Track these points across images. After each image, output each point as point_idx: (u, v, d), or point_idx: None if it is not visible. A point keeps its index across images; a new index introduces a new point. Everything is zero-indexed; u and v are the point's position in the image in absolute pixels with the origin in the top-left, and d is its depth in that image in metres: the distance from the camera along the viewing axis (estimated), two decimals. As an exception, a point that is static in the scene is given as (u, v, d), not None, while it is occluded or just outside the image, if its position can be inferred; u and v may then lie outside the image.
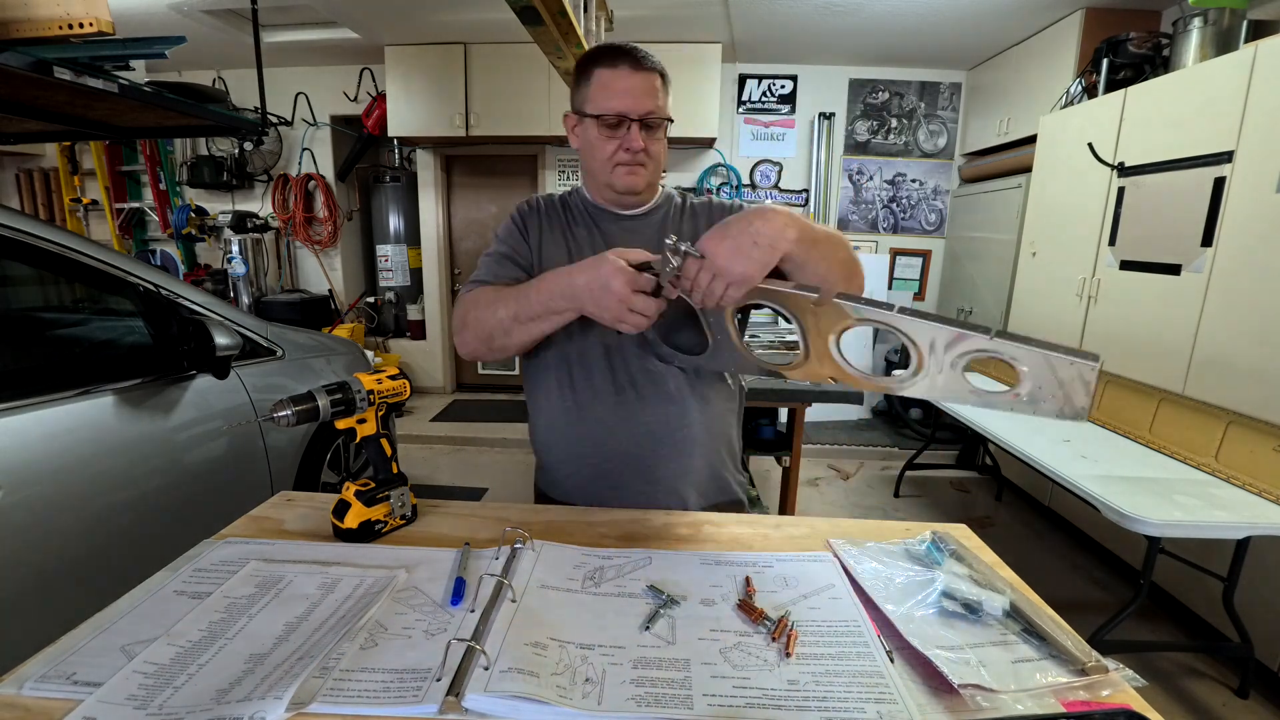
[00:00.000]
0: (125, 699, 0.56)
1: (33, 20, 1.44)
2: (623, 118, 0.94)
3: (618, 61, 0.94)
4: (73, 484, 1.32)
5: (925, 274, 4.50)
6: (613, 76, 0.94)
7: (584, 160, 1.04)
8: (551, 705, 0.56)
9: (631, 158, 0.97)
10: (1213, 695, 1.88)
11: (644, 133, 0.96)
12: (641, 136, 0.95)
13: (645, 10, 3.41)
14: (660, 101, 0.96)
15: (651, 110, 0.95)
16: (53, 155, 4.70)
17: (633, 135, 0.95)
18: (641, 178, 1.00)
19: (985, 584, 0.77)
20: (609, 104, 0.94)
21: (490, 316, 0.93)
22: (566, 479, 1.06)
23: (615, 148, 0.97)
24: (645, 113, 0.94)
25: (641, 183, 1.01)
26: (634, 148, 0.96)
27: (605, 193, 1.04)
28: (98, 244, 1.52)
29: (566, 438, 1.04)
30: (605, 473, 1.02)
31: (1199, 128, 2.14)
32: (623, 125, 0.95)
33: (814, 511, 3.13)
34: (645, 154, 0.97)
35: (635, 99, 0.94)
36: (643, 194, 1.04)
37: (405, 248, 4.78)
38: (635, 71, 0.94)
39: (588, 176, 1.07)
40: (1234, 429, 1.96)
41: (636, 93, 0.94)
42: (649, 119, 0.95)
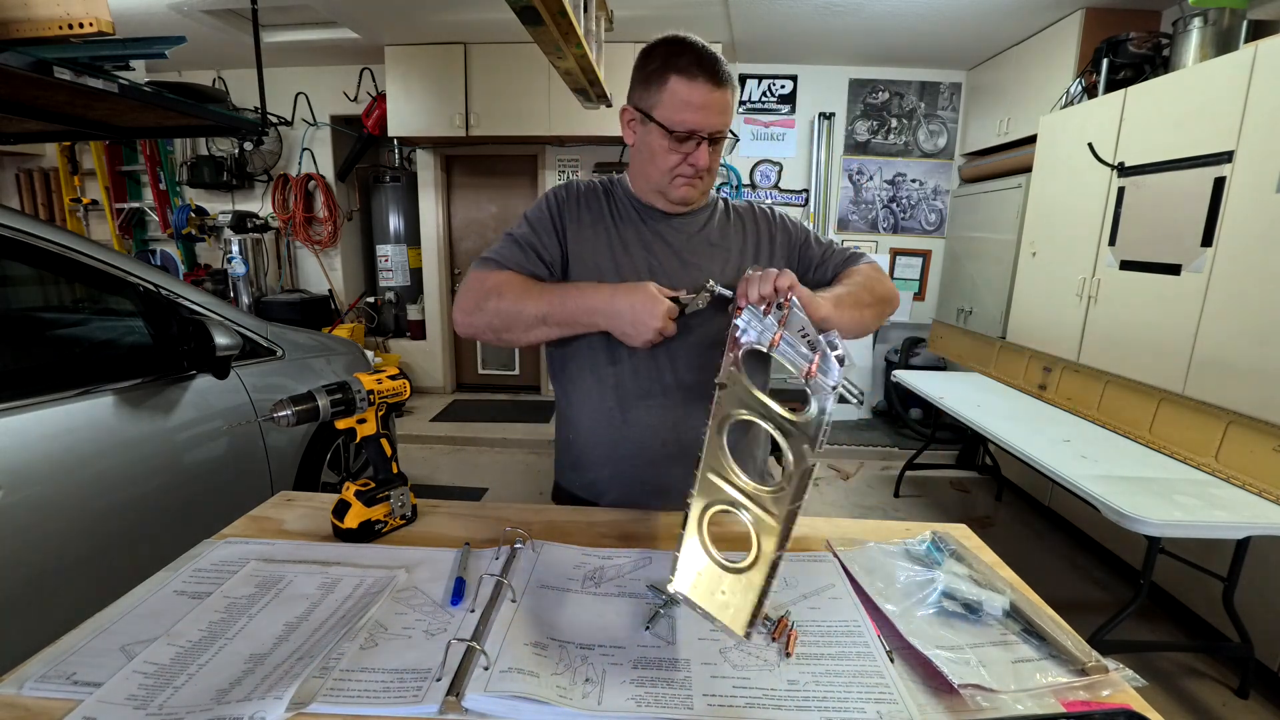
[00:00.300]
0: (125, 699, 0.56)
1: (33, 20, 1.44)
2: (694, 133, 0.91)
3: (696, 75, 0.89)
4: (73, 484, 1.32)
5: (925, 274, 4.50)
6: (690, 90, 0.89)
7: (638, 161, 1.00)
8: (551, 705, 0.56)
9: (694, 173, 0.95)
10: (1213, 695, 1.88)
11: (711, 146, 0.93)
12: (707, 151, 0.93)
13: (645, 10, 3.41)
14: (731, 116, 0.94)
15: (721, 128, 0.92)
16: (53, 155, 4.70)
17: (700, 152, 0.92)
18: (699, 189, 0.98)
19: (985, 584, 0.77)
20: (681, 118, 0.90)
21: (514, 308, 0.90)
22: (606, 480, 1.03)
23: (679, 161, 0.94)
24: (716, 130, 0.92)
25: (698, 194, 1.00)
26: (700, 165, 0.93)
27: (655, 197, 1.01)
28: (98, 244, 1.52)
29: (613, 439, 1.01)
30: (649, 478, 1.00)
31: (1199, 128, 2.14)
32: (691, 139, 0.91)
33: (814, 511, 3.12)
34: (708, 169, 0.96)
35: (709, 116, 0.90)
36: (696, 201, 1.03)
37: (405, 248, 4.78)
38: (714, 89, 0.89)
39: (638, 176, 1.02)
40: (1234, 429, 1.96)
41: (712, 110, 0.90)
42: (717, 136, 0.93)
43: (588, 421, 1.03)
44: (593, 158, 4.47)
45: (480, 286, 0.93)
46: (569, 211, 1.01)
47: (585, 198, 1.03)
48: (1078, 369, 2.70)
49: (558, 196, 1.02)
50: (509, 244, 0.98)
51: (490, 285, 0.92)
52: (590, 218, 1.01)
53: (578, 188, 1.04)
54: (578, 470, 1.07)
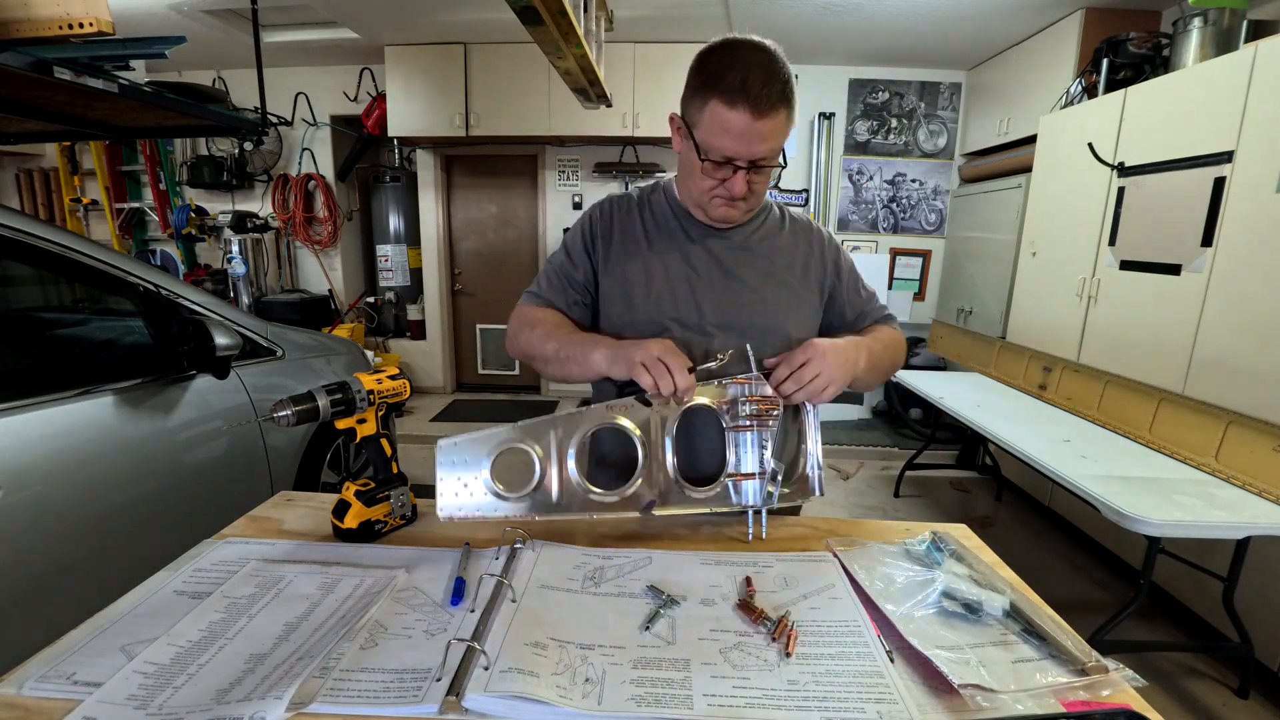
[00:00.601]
0: (125, 699, 0.56)
1: (33, 20, 1.44)
2: (730, 161, 0.86)
3: (738, 101, 0.81)
4: (73, 484, 1.32)
5: (925, 274, 4.50)
6: (730, 117, 0.82)
7: (681, 172, 0.97)
8: (551, 705, 0.56)
9: (730, 198, 0.90)
10: (1213, 695, 1.88)
11: (751, 174, 0.88)
12: (747, 178, 0.88)
13: (645, 10, 3.41)
14: (778, 141, 0.86)
15: (764, 156, 0.86)
16: (53, 155, 4.70)
17: (737, 181, 0.87)
18: (739, 211, 0.94)
19: (985, 584, 0.77)
20: (718, 143, 0.85)
21: (540, 345, 0.96)
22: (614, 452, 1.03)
23: (715, 185, 0.89)
24: (756, 159, 0.86)
25: (739, 216, 0.96)
26: (735, 193, 0.88)
27: (697, 210, 0.98)
28: (98, 244, 1.52)
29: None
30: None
31: (1199, 128, 2.14)
32: (728, 166, 0.86)
33: (814, 511, 3.12)
34: (749, 193, 0.91)
35: (749, 145, 0.84)
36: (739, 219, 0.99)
37: (405, 248, 4.78)
38: (756, 119, 0.81)
39: (682, 186, 0.99)
40: (1234, 429, 1.96)
41: (752, 139, 0.83)
42: (759, 164, 0.87)
43: None
44: (593, 158, 4.47)
45: (519, 318, 1.01)
46: (601, 231, 1.01)
47: (619, 215, 1.02)
48: (1078, 369, 2.70)
49: (590, 218, 1.03)
50: (547, 275, 1.03)
51: (526, 318, 1.00)
52: (621, 235, 1.00)
53: (611, 206, 1.04)
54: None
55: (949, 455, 3.64)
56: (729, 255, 0.99)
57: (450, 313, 4.93)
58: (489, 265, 4.90)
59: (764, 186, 0.92)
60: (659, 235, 1.00)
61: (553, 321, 0.98)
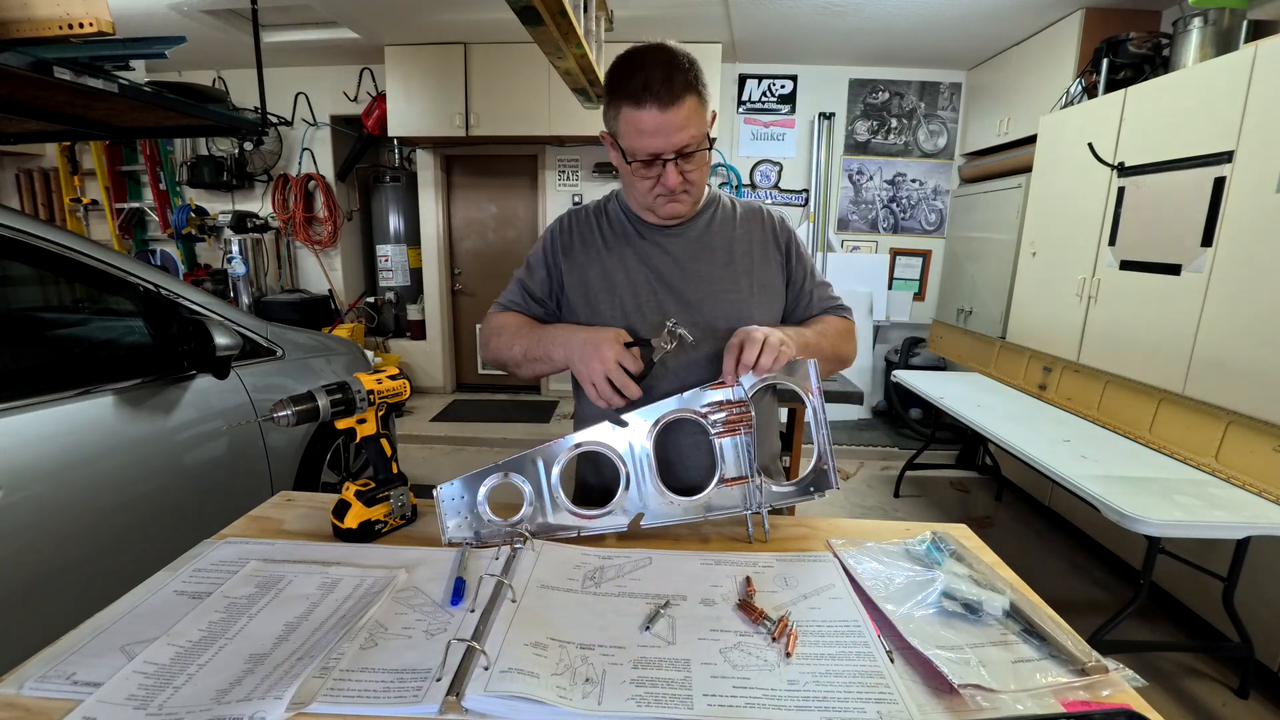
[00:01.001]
0: (125, 699, 0.56)
1: (33, 20, 1.44)
2: (656, 157, 0.88)
3: (644, 100, 0.84)
4: (73, 484, 1.32)
5: (925, 274, 4.50)
6: (640, 118, 0.85)
7: (623, 181, 1.00)
8: (551, 705, 0.56)
9: (670, 193, 0.92)
10: (1213, 695, 1.88)
11: (681, 164, 0.90)
12: (679, 167, 0.90)
13: (645, 10, 3.41)
14: (696, 128, 0.87)
15: (686, 144, 0.87)
16: (53, 155, 4.70)
17: (668, 174, 0.89)
18: (685, 204, 0.96)
19: (985, 584, 0.77)
20: (640, 144, 0.88)
21: (507, 348, 1.00)
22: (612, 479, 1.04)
23: (652, 183, 0.92)
24: (679, 148, 0.87)
25: (685, 209, 0.97)
26: (671, 185, 0.90)
27: (647, 214, 1.01)
28: (98, 244, 1.52)
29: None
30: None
31: (1199, 128, 2.14)
32: (656, 163, 0.89)
33: (814, 511, 3.13)
34: (685, 183, 0.92)
35: (667, 138, 0.86)
36: (688, 213, 1.01)
37: (405, 248, 4.78)
38: (664, 110, 0.84)
39: (628, 194, 1.02)
40: (1234, 429, 1.96)
41: (668, 131, 0.86)
42: (685, 150, 0.88)
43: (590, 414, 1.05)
44: (593, 158, 4.47)
45: (487, 327, 1.06)
46: (561, 244, 1.05)
47: (577, 226, 1.06)
48: (1078, 369, 2.70)
49: (551, 232, 1.07)
50: (513, 286, 1.07)
51: (493, 326, 1.05)
52: (581, 244, 1.04)
53: (570, 219, 1.07)
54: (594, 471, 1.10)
55: (949, 455, 3.64)
56: (685, 251, 1.01)
57: (450, 313, 4.93)
58: (489, 265, 4.90)
59: (700, 174, 0.94)
60: (616, 241, 1.03)
61: (515, 324, 1.02)
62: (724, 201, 1.08)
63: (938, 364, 4.28)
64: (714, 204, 1.06)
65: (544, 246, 1.06)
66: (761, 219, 1.07)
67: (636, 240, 1.02)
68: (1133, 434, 2.29)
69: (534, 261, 1.06)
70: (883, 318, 4.47)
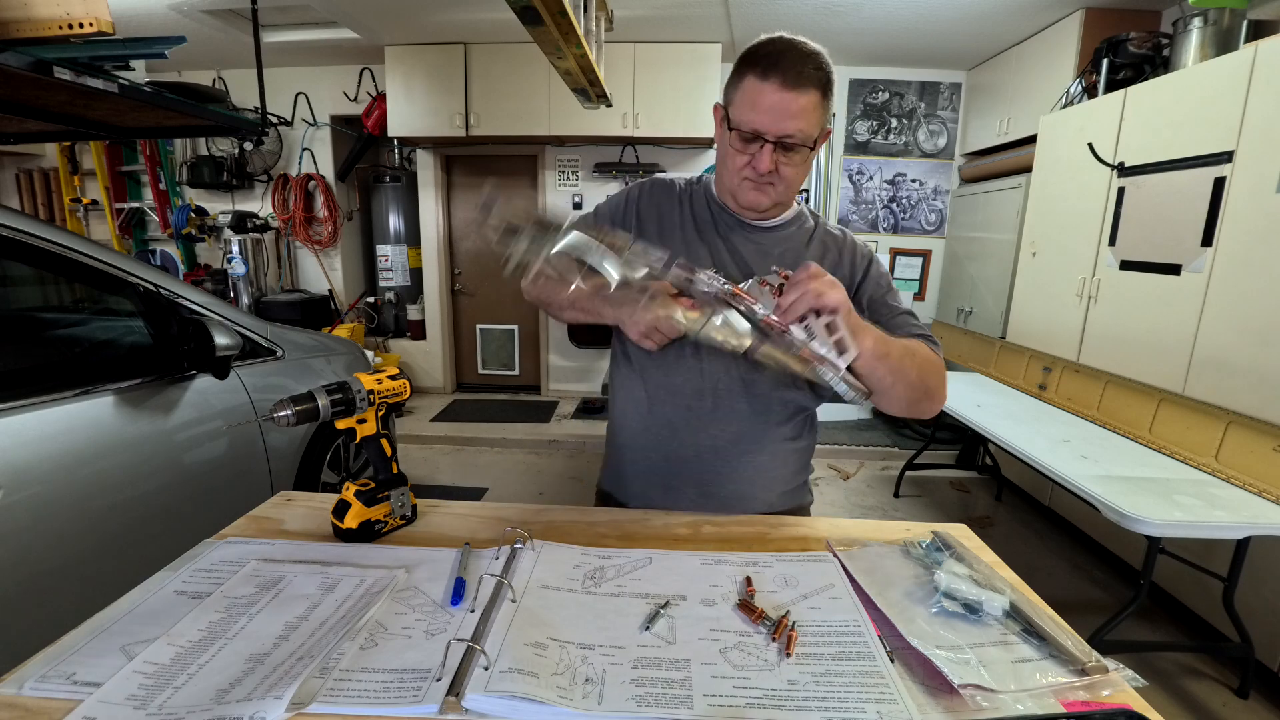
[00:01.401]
0: (125, 699, 0.56)
1: (33, 20, 1.44)
2: (758, 135, 0.86)
3: (770, 73, 0.83)
4: (73, 484, 1.32)
5: (925, 274, 4.50)
6: (759, 90, 0.84)
7: (718, 159, 0.98)
8: (551, 705, 0.56)
9: (758, 177, 0.90)
10: (1213, 695, 1.88)
11: (779, 154, 0.88)
12: (774, 158, 0.88)
13: (645, 10, 3.41)
14: (807, 123, 0.85)
15: (792, 134, 0.85)
16: (53, 155, 4.70)
17: (763, 156, 0.87)
18: (768, 196, 0.93)
19: (985, 584, 0.77)
20: (747, 117, 0.86)
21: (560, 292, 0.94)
22: (629, 467, 1.05)
23: (745, 163, 0.90)
24: (783, 135, 0.85)
25: (767, 201, 0.95)
26: (760, 169, 0.88)
27: (728, 199, 0.99)
28: (98, 244, 1.52)
29: (635, 429, 1.03)
30: (664, 473, 1.01)
31: (1199, 128, 2.14)
32: (757, 141, 0.87)
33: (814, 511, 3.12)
34: (775, 174, 0.90)
35: (776, 119, 0.84)
36: (768, 211, 0.98)
37: (405, 248, 4.78)
38: (785, 90, 0.83)
39: (718, 175, 1.00)
40: (1234, 429, 1.96)
41: (779, 113, 0.84)
42: (787, 140, 0.86)
43: (619, 409, 1.05)
44: (592, 158, 4.47)
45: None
46: (636, 212, 1.02)
47: (661, 198, 1.03)
48: (1078, 369, 2.70)
49: (631, 194, 1.04)
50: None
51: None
52: (658, 215, 1.01)
53: (651, 187, 1.04)
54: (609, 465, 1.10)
55: (949, 455, 3.64)
56: (754, 255, 0.98)
57: (450, 313, 4.93)
58: (489, 265, 4.90)
59: (793, 172, 0.91)
60: (691, 226, 1.00)
61: None
62: (808, 220, 1.04)
63: (938, 364, 4.27)
64: (798, 220, 1.03)
65: (620, 203, 1.04)
66: (840, 243, 1.03)
67: (710, 232, 1.00)
68: (1133, 434, 2.29)
69: (604, 210, 1.04)
70: (883, 318, 4.46)
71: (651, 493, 1.03)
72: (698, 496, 1.00)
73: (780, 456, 1.02)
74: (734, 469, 1.00)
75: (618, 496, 1.08)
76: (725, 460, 0.99)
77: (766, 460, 1.01)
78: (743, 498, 1.01)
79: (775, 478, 1.03)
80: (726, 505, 1.00)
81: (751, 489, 1.01)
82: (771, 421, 0.99)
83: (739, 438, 0.98)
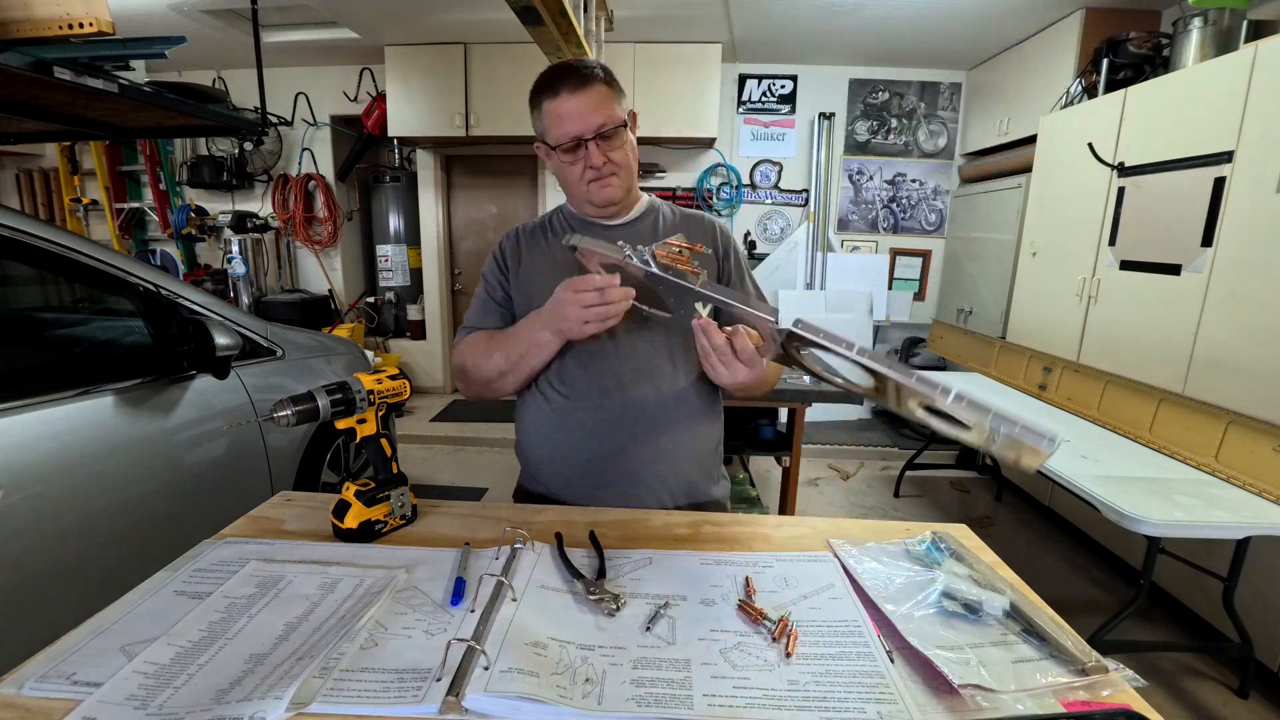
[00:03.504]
0: (125, 699, 0.56)
1: (33, 20, 1.44)
2: (578, 140, 0.96)
3: (557, 87, 0.95)
4: (73, 484, 1.32)
5: (925, 274, 4.50)
6: (556, 104, 0.95)
7: (562, 186, 1.07)
8: (551, 705, 0.56)
9: (598, 173, 0.99)
10: (1213, 695, 1.88)
11: (603, 144, 0.97)
12: (601, 150, 0.97)
13: (645, 10, 3.41)
14: (610, 110, 0.96)
15: (603, 123, 0.95)
16: (53, 155, 4.70)
17: (592, 154, 0.96)
18: (616, 187, 1.02)
19: (985, 584, 0.77)
20: (561, 130, 0.96)
21: (486, 364, 1.02)
22: (550, 478, 1.08)
23: (581, 169, 0.99)
24: (597, 128, 0.95)
25: (618, 192, 1.03)
26: (595, 164, 0.97)
27: (587, 208, 1.07)
28: (98, 244, 1.52)
29: (551, 440, 1.06)
30: (588, 472, 1.04)
31: (1199, 128, 2.14)
32: (581, 146, 0.96)
33: (814, 511, 3.13)
34: (611, 164, 0.99)
35: (582, 119, 0.95)
36: (622, 202, 1.05)
37: (405, 248, 4.78)
38: (576, 92, 0.94)
39: (568, 199, 1.10)
40: (1234, 429, 1.95)
41: (583, 112, 0.94)
42: (603, 131, 0.96)
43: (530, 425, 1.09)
44: (593, 158, 4.46)
45: (459, 355, 1.08)
46: (510, 255, 1.10)
47: (527, 238, 1.11)
48: (1078, 369, 2.70)
49: (500, 246, 1.12)
50: (475, 306, 1.12)
51: (464, 349, 1.06)
52: (529, 253, 1.09)
53: (516, 233, 1.13)
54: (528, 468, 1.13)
55: (949, 455, 3.64)
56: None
57: (450, 313, 4.93)
58: (489, 265, 4.90)
59: (623, 156, 1.00)
60: (558, 247, 1.06)
61: (485, 339, 1.04)
62: (664, 210, 1.13)
63: (938, 364, 4.28)
64: (654, 210, 1.12)
65: (496, 260, 1.11)
66: (701, 224, 1.12)
67: None
68: (1133, 434, 2.29)
69: (489, 275, 1.11)
70: (882, 318, 4.46)
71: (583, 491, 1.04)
72: (627, 484, 1.03)
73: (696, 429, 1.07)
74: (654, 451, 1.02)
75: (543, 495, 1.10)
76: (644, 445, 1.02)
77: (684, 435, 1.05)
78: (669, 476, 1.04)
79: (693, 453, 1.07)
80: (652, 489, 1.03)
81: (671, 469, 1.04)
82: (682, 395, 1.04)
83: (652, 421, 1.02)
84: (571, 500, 1.05)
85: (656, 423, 1.02)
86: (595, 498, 1.03)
